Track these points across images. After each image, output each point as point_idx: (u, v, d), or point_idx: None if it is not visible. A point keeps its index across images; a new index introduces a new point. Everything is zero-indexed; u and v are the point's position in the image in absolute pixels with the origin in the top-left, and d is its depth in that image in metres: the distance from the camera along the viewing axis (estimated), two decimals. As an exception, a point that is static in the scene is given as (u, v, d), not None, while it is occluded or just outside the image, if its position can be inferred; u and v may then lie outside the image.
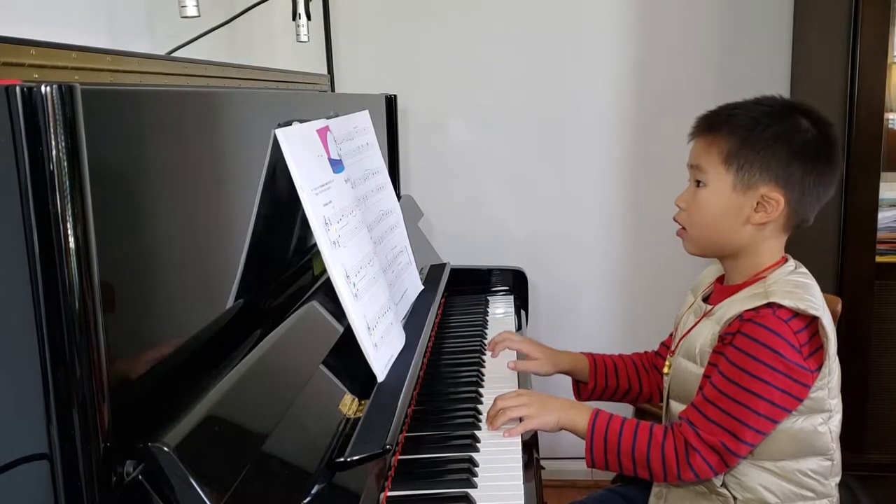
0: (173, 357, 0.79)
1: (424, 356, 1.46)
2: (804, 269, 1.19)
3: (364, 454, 0.96)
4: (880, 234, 1.89)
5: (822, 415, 1.13)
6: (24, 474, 0.62)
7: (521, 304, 1.95)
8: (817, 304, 1.11)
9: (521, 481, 1.07)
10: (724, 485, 1.15)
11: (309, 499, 0.85)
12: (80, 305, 0.58)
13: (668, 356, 1.30)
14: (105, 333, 0.61)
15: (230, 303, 0.95)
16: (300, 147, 1.09)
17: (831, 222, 1.88)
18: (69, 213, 0.57)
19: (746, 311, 1.10)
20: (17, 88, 0.55)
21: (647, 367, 1.44)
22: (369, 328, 1.14)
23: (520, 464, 1.12)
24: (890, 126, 1.91)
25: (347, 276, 1.11)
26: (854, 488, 1.29)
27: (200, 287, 0.89)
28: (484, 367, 1.48)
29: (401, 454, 1.13)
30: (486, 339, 1.64)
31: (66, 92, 0.57)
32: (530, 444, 1.19)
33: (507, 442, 1.17)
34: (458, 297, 1.92)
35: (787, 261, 1.20)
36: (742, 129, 1.15)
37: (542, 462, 1.22)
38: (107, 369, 0.61)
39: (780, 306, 1.09)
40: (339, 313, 1.11)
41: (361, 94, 2.00)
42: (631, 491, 1.35)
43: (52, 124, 0.56)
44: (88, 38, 1.24)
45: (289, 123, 1.11)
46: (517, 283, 1.99)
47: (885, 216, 1.92)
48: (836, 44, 1.86)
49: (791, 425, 1.12)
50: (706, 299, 1.26)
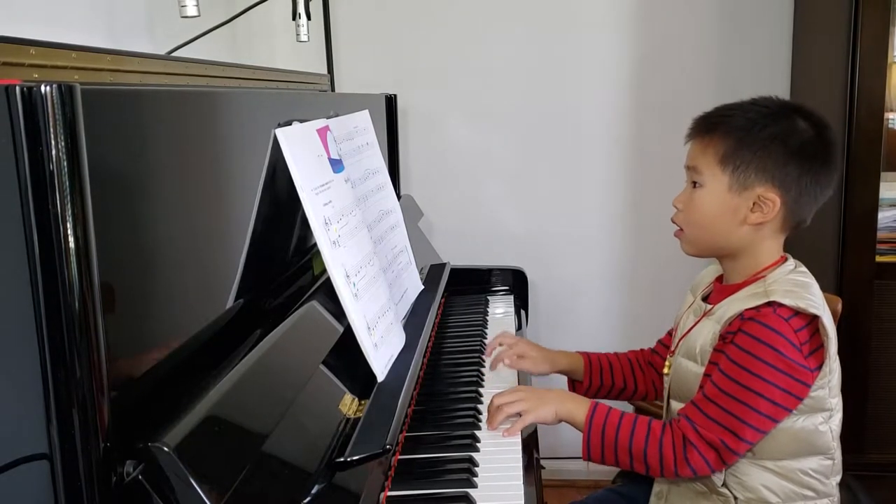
0: (173, 357, 0.79)
1: (424, 356, 1.46)
2: (804, 269, 1.19)
3: (364, 454, 0.96)
4: (880, 234, 1.89)
5: (822, 414, 1.13)
6: (24, 474, 0.62)
7: (521, 303, 1.95)
8: (817, 302, 1.11)
9: (521, 481, 1.07)
10: (724, 484, 1.15)
11: (309, 499, 0.85)
12: (80, 305, 0.58)
13: (667, 356, 1.30)
14: (105, 333, 0.61)
15: (230, 303, 0.95)
16: (300, 147, 1.09)
17: (831, 222, 1.88)
18: (69, 213, 0.57)
19: (747, 309, 1.11)
20: (17, 88, 0.55)
21: (643, 364, 1.44)
22: (369, 328, 1.14)
23: (520, 464, 1.12)
24: (890, 126, 1.91)
25: (347, 276, 1.11)
26: (854, 488, 1.29)
27: (200, 287, 0.89)
28: (484, 366, 1.48)
29: (401, 454, 1.13)
30: (486, 339, 1.64)
31: (66, 92, 0.57)
32: (530, 444, 1.19)
33: (507, 442, 1.17)
34: (458, 297, 1.92)
35: (786, 260, 1.20)
36: (738, 130, 1.15)
37: (542, 462, 1.22)
38: (107, 369, 0.61)
39: (781, 305, 1.09)
40: (339, 313, 1.11)
41: (361, 94, 2.00)
42: (631, 491, 1.34)
43: (52, 124, 0.56)
44: (88, 38, 1.24)
45: (289, 123, 1.11)
46: (517, 283, 1.99)
47: (885, 216, 1.92)
48: (836, 44, 1.86)
49: (792, 424, 1.12)
50: (706, 299, 1.26)
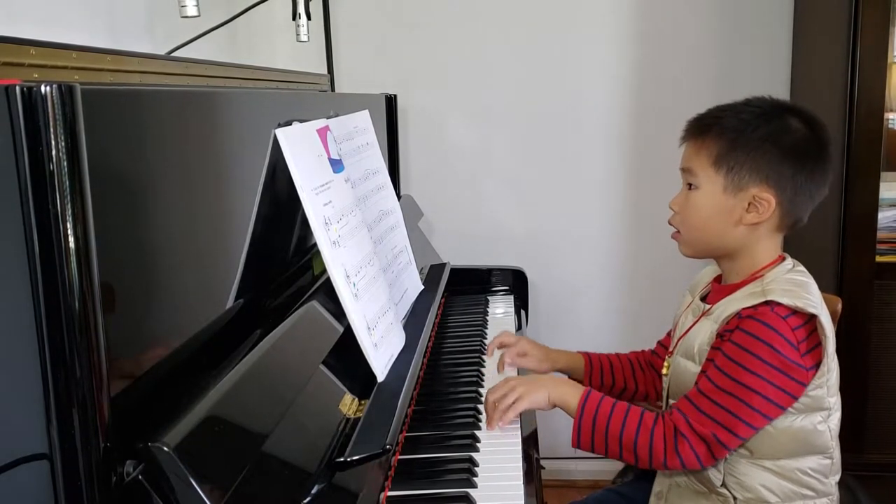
0: (173, 357, 0.79)
1: (424, 356, 1.46)
2: (802, 268, 1.19)
3: (364, 454, 0.96)
4: (880, 234, 1.89)
5: (821, 413, 1.13)
6: (24, 474, 0.62)
7: (521, 303, 1.95)
8: (815, 301, 1.11)
9: (521, 481, 1.07)
10: (723, 484, 1.15)
11: (309, 499, 0.85)
12: (80, 305, 0.58)
13: (666, 357, 1.30)
14: (105, 333, 0.61)
15: (230, 303, 0.95)
16: (300, 147, 1.09)
17: (831, 222, 1.88)
18: (69, 213, 0.57)
19: (745, 308, 1.11)
20: (17, 88, 0.55)
21: (644, 365, 1.44)
22: (369, 328, 1.14)
23: (520, 464, 1.12)
24: (890, 126, 1.91)
25: (347, 276, 1.11)
26: (854, 488, 1.29)
27: (200, 287, 0.89)
28: (484, 367, 1.48)
29: (401, 454, 1.13)
30: (486, 339, 1.64)
31: (66, 92, 0.57)
32: (530, 445, 1.19)
33: (507, 442, 1.17)
34: (458, 297, 1.92)
35: (784, 259, 1.20)
36: (731, 131, 1.15)
37: (542, 462, 1.22)
38: (107, 369, 0.61)
39: (778, 304, 1.09)
40: (339, 313, 1.11)
41: (361, 94, 2.00)
42: (631, 491, 1.34)
43: (52, 124, 0.56)
44: (88, 38, 1.24)
45: (289, 123, 1.11)
46: (517, 283, 1.99)
47: (885, 216, 1.92)
48: (836, 44, 1.86)
49: (790, 424, 1.12)
50: (704, 298, 1.27)
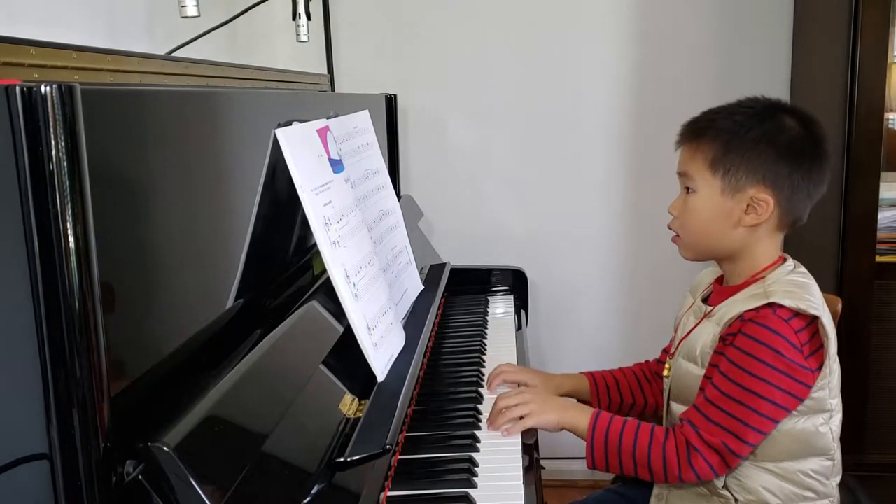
0: (173, 357, 0.79)
1: (424, 356, 1.46)
2: (803, 269, 1.19)
3: (364, 454, 0.96)
4: (880, 234, 1.89)
5: (822, 415, 1.13)
6: (24, 474, 0.62)
7: (521, 304, 1.95)
8: (817, 303, 1.11)
9: (521, 481, 1.07)
10: (725, 486, 1.15)
11: (309, 499, 0.85)
12: (80, 305, 0.58)
13: (667, 358, 1.30)
14: (105, 333, 0.61)
15: (230, 303, 0.95)
16: (300, 147, 1.09)
17: (831, 222, 1.88)
18: (69, 213, 0.57)
19: (747, 311, 1.10)
20: (17, 88, 0.55)
21: (650, 376, 1.42)
22: (369, 328, 1.14)
23: (520, 464, 1.12)
24: (890, 126, 1.91)
25: (347, 276, 1.11)
26: (854, 488, 1.29)
27: (200, 287, 0.89)
28: (484, 367, 1.48)
29: (401, 454, 1.13)
30: (486, 338, 1.64)
31: (66, 92, 0.57)
32: (530, 445, 1.19)
33: (507, 442, 1.17)
34: (458, 297, 1.92)
35: (785, 260, 1.20)
36: (725, 134, 1.15)
37: (542, 462, 1.22)
38: (107, 369, 0.61)
39: (781, 306, 1.09)
40: (339, 313, 1.11)
41: (361, 94, 2.00)
42: (631, 491, 1.34)
43: (52, 124, 0.56)
44: (88, 38, 1.24)
45: (289, 123, 1.11)
46: (517, 283, 1.99)
47: (885, 216, 1.91)
48: (836, 44, 1.86)
49: (792, 426, 1.12)
50: (705, 300, 1.26)
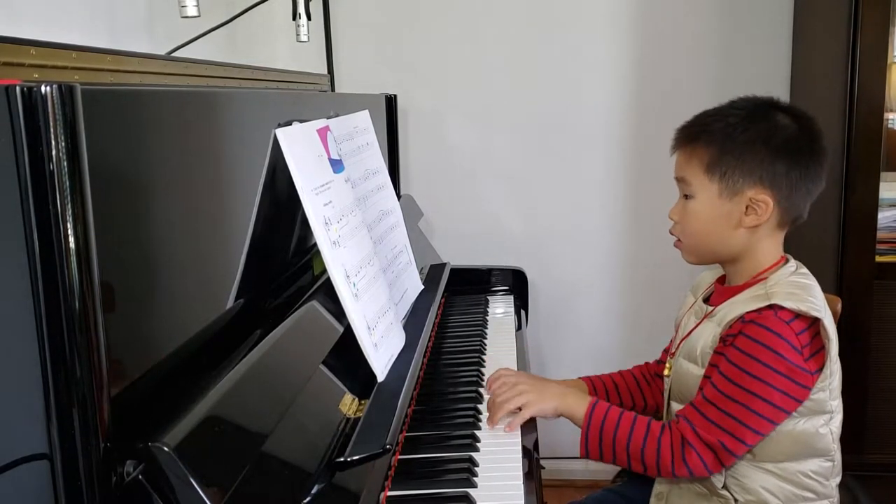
0: (173, 357, 0.79)
1: (424, 356, 1.46)
2: (805, 270, 1.19)
3: (364, 454, 0.96)
4: (880, 234, 1.89)
5: (823, 416, 1.13)
6: (24, 474, 0.62)
7: (521, 304, 1.95)
8: (819, 305, 1.10)
9: (521, 481, 1.07)
10: (725, 486, 1.15)
11: (309, 499, 0.85)
12: (80, 306, 0.58)
13: (668, 358, 1.29)
14: (105, 333, 0.61)
15: (230, 303, 0.95)
16: (300, 147, 1.09)
17: (831, 222, 1.88)
18: (69, 213, 0.57)
19: (748, 312, 1.10)
20: (17, 88, 0.55)
21: (649, 378, 1.42)
22: (369, 328, 1.14)
23: (520, 464, 1.12)
24: (890, 126, 1.91)
25: (347, 276, 1.11)
26: (854, 488, 1.29)
27: (200, 287, 0.89)
28: (484, 367, 1.48)
29: (401, 454, 1.13)
30: (485, 338, 1.64)
31: (66, 92, 0.57)
32: (530, 444, 1.19)
33: (507, 442, 1.17)
34: (458, 297, 1.92)
35: (787, 261, 1.19)
36: (719, 136, 1.15)
37: (542, 462, 1.22)
38: (107, 369, 0.61)
39: (782, 308, 1.09)
40: (339, 313, 1.11)
41: (361, 94, 2.00)
42: (631, 491, 1.34)
43: (52, 124, 0.56)
44: (88, 38, 1.24)
45: (289, 123, 1.11)
46: (517, 283, 1.99)
47: (885, 216, 1.91)
48: (836, 44, 1.86)
49: (793, 427, 1.12)
50: (707, 300, 1.26)
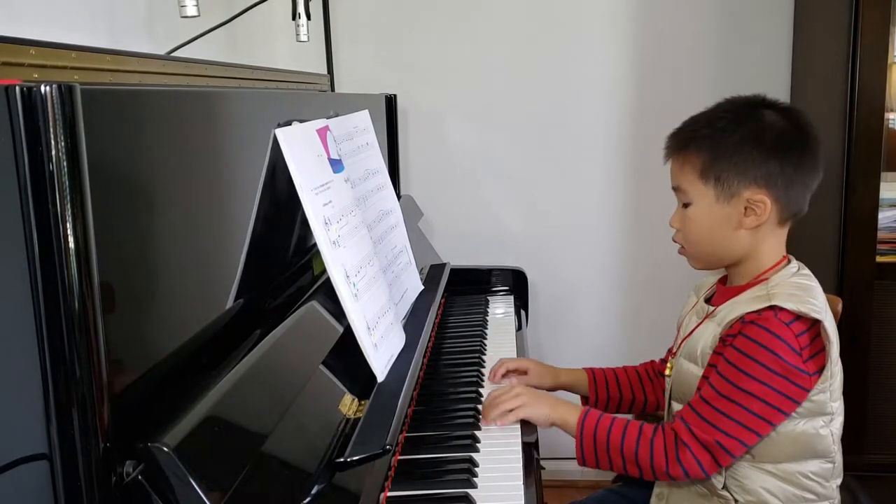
0: (173, 357, 0.79)
1: (424, 356, 1.46)
2: (807, 271, 1.19)
3: (364, 454, 0.96)
4: (880, 234, 1.89)
5: (823, 417, 1.13)
6: (24, 474, 0.62)
7: (521, 304, 1.95)
8: (819, 306, 1.10)
9: (521, 481, 1.07)
10: (725, 487, 1.14)
11: (309, 499, 0.85)
12: (80, 306, 0.58)
13: (669, 358, 1.29)
14: (105, 334, 0.61)
15: (230, 303, 0.95)
16: (300, 147, 1.09)
17: (831, 222, 1.88)
18: (69, 213, 0.57)
19: (748, 313, 1.10)
20: (17, 88, 0.55)
21: (652, 375, 1.43)
22: (369, 328, 1.14)
23: (520, 464, 1.12)
24: (890, 126, 1.91)
25: (347, 276, 1.11)
26: (854, 489, 1.29)
27: (200, 287, 0.89)
28: (484, 367, 1.48)
29: (401, 454, 1.13)
30: (486, 339, 1.64)
31: (65, 92, 0.57)
32: (530, 444, 1.19)
33: (507, 442, 1.17)
34: (458, 297, 1.92)
35: (789, 262, 1.19)
36: (709, 141, 1.15)
37: (542, 462, 1.22)
38: (107, 369, 0.61)
39: (782, 309, 1.08)
40: (339, 313, 1.11)
41: (361, 94, 2.00)
42: (631, 491, 1.34)
43: (51, 124, 0.56)
44: (88, 38, 1.24)
45: (289, 123, 1.11)
46: (517, 283, 1.99)
47: (885, 216, 1.91)
48: (836, 44, 1.86)
49: (793, 428, 1.11)
50: (708, 300, 1.26)
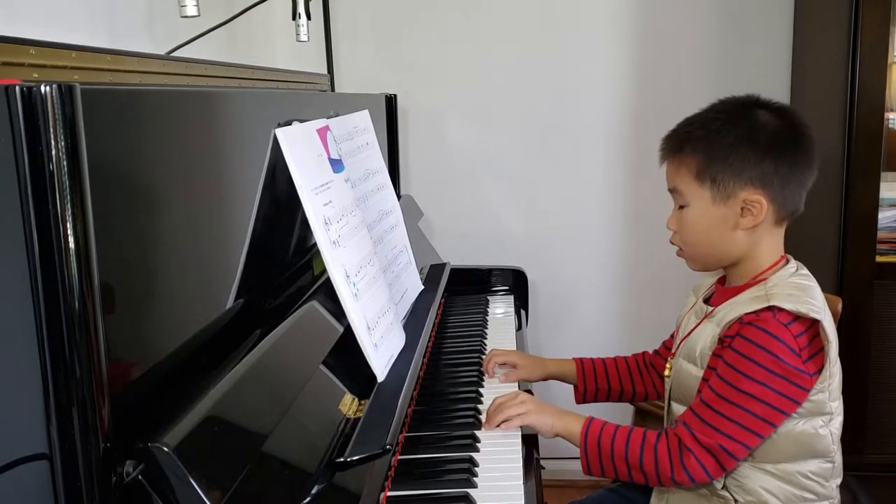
0: (173, 357, 0.79)
1: (424, 356, 1.46)
2: (805, 271, 1.19)
3: (364, 454, 0.96)
4: (880, 234, 1.89)
5: (822, 417, 1.13)
6: (24, 474, 0.62)
7: (521, 304, 1.95)
8: (818, 306, 1.10)
9: (521, 481, 1.07)
10: (724, 487, 1.14)
11: (309, 499, 0.85)
12: (80, 306, 0.58)
13: (668, 358, 1.29)
14: (105, 334, 0.61)
15: (230, 303, 0.95)
16: (300, 147, 1.09)
17: (831, 222, 1.88)
18: (69, 213, 0.57)
19: (747, 314, 1.10)
20: (17, 88, 0.55)
21: (643, 366, 1.43)
22: (369, 328, 1.14)
23: (520, 464, 1.12)
24: (890, 126, 1.91)
25: (347, 276, 1.11)
26: (854, 489, 1.29)
27: (200, 287, 0.89)
28: (484, 367, 1.48)
29: (401, 454, 1.13)
30: (486, 339, 1.64)
31: (65, 92, 0.57)
32: (530, 445, 1.19)
33: (507, 442, 1.17)
34: (458, 297, 1.92)
35: (787, 261, 1.19)
36: (703, 143, 1.15)
37: (542, 462, 1.22)
38: (107, 369, 0.61)
39: (781, 309, 1.08)
40: (339, 313, 1.11)
41: (361, 94, 2.00)
42: (631, 492, 1.34)
43: (51, 124, 0.56)
44: (88, 38, 1.24)
45: (289, 123, 1.11)
46: (517, 283, 1.99)
47: (885, 216, 1.91)
48: (836, 44, 1.86)
49: (792, 428, 1.11)
50: (707, 300, 1.26)
